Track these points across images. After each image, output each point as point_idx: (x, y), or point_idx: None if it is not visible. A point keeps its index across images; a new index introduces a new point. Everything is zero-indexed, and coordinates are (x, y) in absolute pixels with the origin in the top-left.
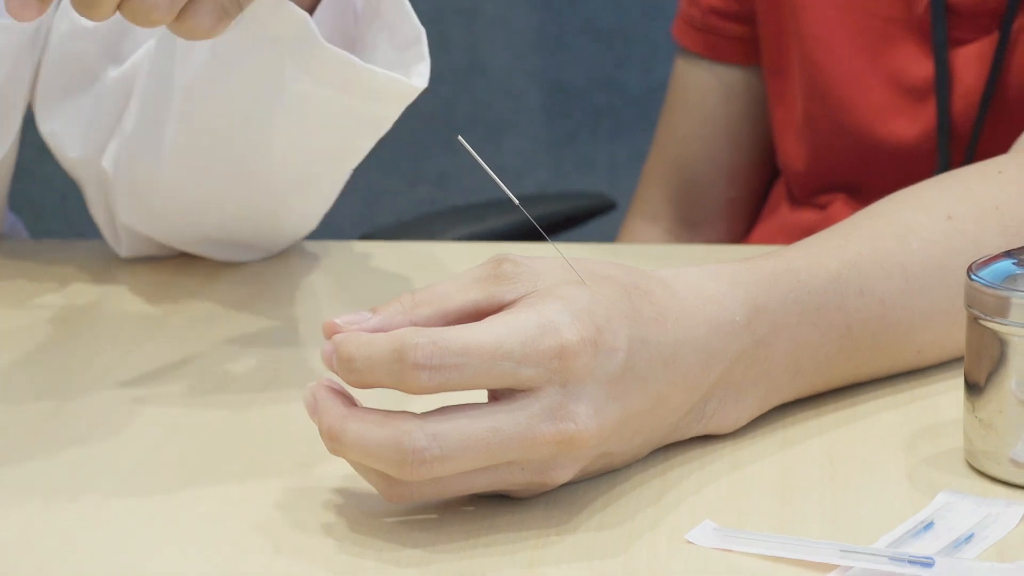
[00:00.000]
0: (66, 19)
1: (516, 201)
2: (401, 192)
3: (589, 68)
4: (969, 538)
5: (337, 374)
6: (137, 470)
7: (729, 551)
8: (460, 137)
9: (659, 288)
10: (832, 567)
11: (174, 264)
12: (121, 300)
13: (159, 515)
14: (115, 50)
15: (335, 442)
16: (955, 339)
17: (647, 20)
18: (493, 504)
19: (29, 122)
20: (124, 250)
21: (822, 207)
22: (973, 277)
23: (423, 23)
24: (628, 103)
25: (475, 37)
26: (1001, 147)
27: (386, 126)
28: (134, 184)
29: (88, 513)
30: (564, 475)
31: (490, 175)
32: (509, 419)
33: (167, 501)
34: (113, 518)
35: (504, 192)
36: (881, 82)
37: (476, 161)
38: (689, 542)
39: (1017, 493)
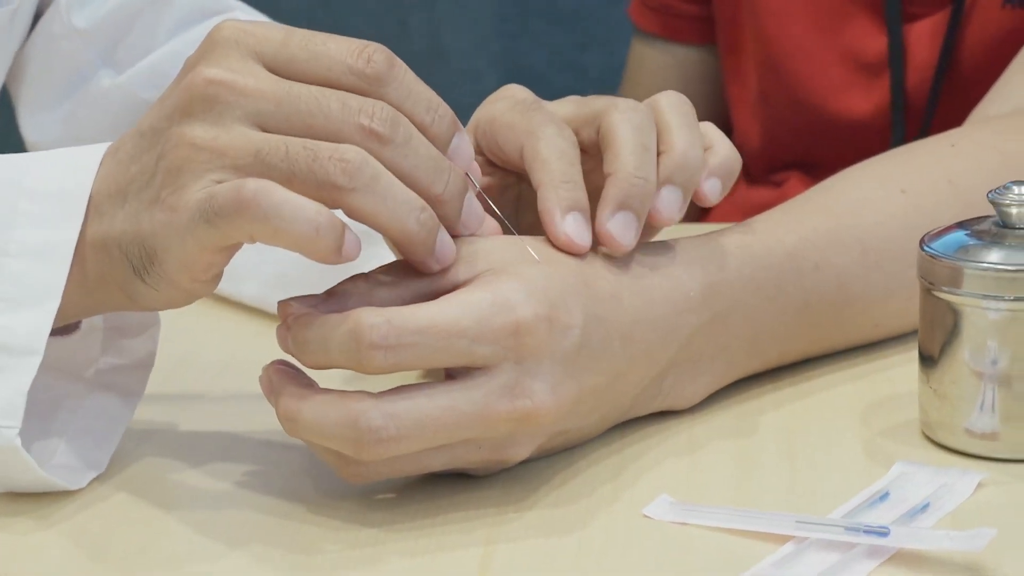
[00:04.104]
0: (57, 19)
1: (476, 184)
2: None
3: (550, 51)
4: (925, 507)
5: (293, 355)
6: None
7: (686, 525)
8: None
9: (614, 265)
10: (788, 538)
11: None
12: None
13: (116, 500)
14: (110, 55)
15: (291, 423)
16: (911, 312)
17: (608, 3)
18: (450, 483)
19: None
20: None
21: (778, 184)
22: (926, 248)
23: (385, 6)
24: (589, 85)
25: (436, 22)
26: (955, 121)
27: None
28: None
29: (46, 496)
30: (521, 452)
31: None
32: (465, 397)
33: (122, 484)
34: (67, 501)
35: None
36: (835, 58)
37: None
38: (646, 517)
39: (972, 462)
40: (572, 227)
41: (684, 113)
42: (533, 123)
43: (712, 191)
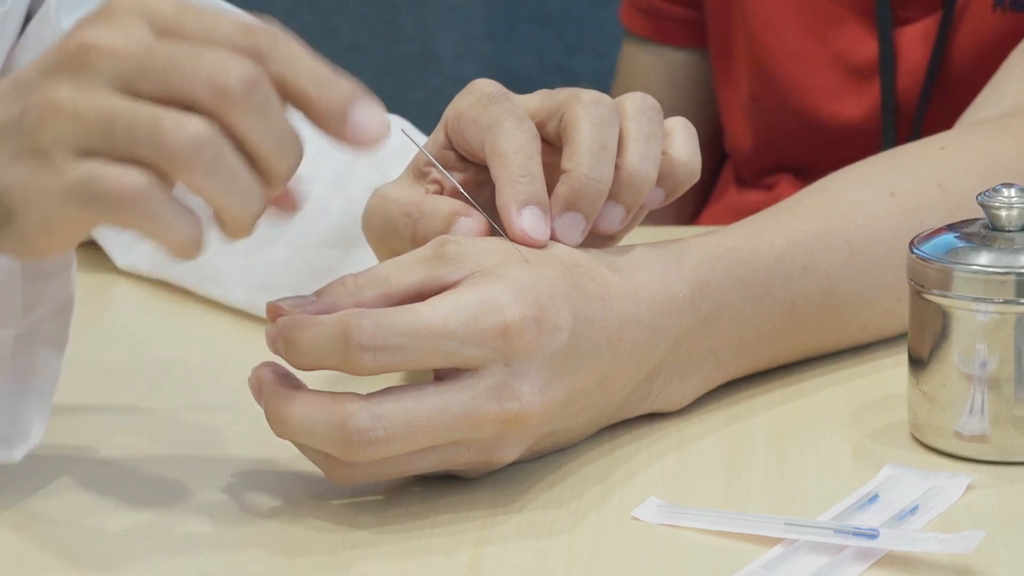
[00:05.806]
0: (46, 22)
1: (461, 189)
2: None
3: (540, 55)
4: (914, 510)
5: (282, 357)
6: (79, 457)
7: (675, 527)
8: (403, 129)
9: (602, 266)
10: (777, 540)
11: None
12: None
13: (101, 501)
14: None
15: (280, 425)
16: (900, 314)
17: (597, 6)
18: (439, 485)
19: None
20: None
21: (769, 188)
22: (915, 251)
23: (375, 9)
24: None
25: (425, 24)
26: (946, 125)
27: None
28: None
29: (27, 497)
30: (510, 454)
31: (435, 164)
32: (454, 399)
33: (109, 485)
34: (56, 504)
35: (450, 180)
36: (826, 62)
37: (424, 151)
38: (635, 519)
39: (961, 465)
40: (528, 222)
41: (646, 120)
42: (493, 117)
43: (653, 200)
